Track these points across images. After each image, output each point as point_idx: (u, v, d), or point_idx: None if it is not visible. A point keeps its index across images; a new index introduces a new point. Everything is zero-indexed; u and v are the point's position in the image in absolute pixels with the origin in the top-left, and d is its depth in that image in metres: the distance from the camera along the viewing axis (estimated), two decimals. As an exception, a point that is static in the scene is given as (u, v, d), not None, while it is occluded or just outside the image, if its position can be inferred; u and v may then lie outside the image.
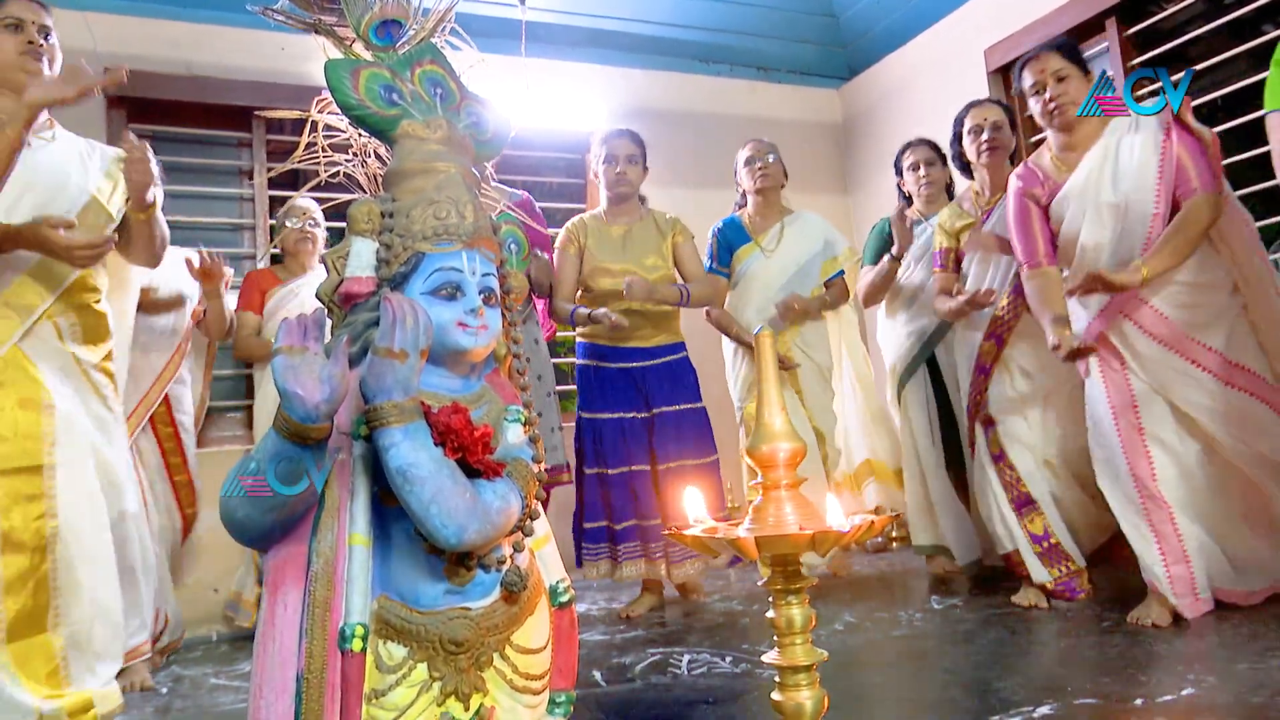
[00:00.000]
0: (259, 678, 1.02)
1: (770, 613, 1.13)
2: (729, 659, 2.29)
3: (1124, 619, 2.35)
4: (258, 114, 3.71)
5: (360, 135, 1.39)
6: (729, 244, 3.37)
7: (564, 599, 1.25)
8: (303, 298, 3.19)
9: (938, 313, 2.98)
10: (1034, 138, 3.74)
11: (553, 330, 3.36)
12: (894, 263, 3.19)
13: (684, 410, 3.06)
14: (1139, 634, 2.24)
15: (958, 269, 2.94)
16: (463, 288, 1.15)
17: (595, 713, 1.93)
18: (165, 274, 2.72)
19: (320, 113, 1.38)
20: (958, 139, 3.01)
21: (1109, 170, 2.39)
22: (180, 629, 2.87)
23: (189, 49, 3.62)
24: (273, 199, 3.78)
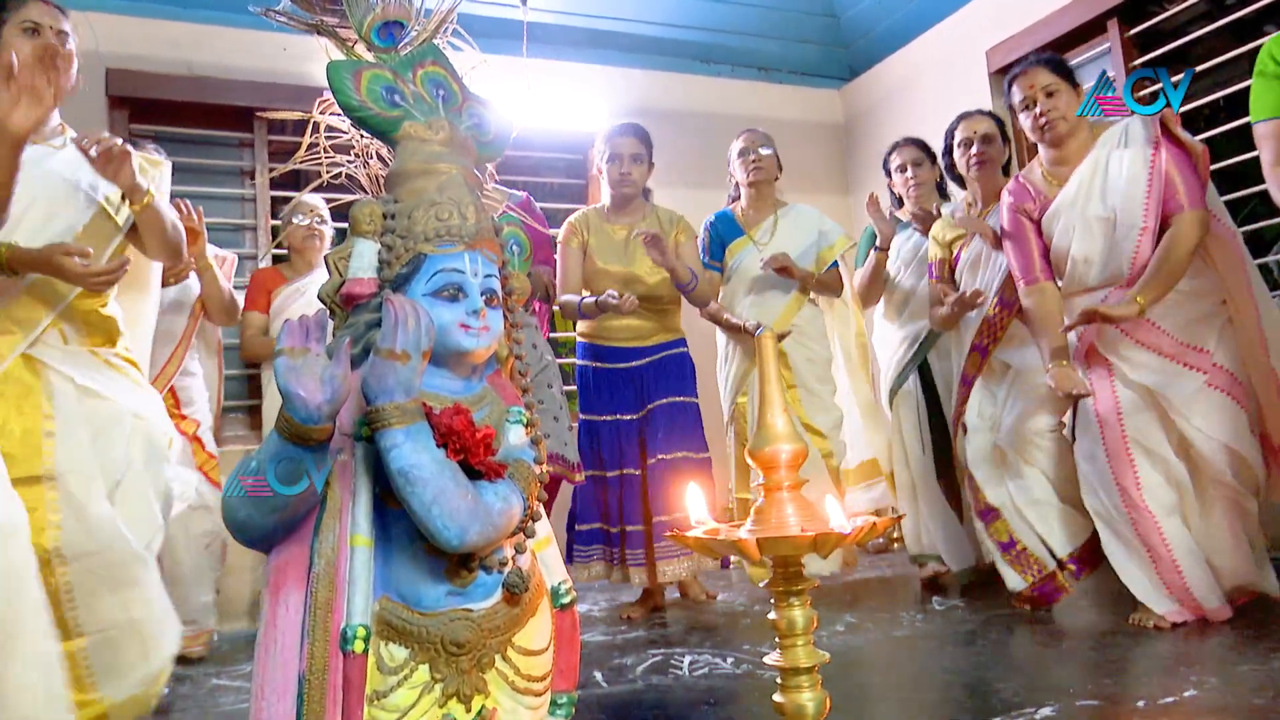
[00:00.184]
0: (260, 679, 1.02)
1: (772, 614, 1.13)
2: (730, 660, 2.29)
3: (1125, 621, 2.35)
4: (259, 114, 3.72)
5: (362, 136, 1.39)
6: (721, 238, 3.32)
7: (566, 600, 1.25)
8: (309, 296, 3.16)
9: (931, 323, 3.01)
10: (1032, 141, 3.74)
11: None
12: (880, 254, 3.19)
13: (676, 403, 3.02)
14: (1140, 635, 2.25)
15: (951, 279, 2.96)
16: (465, 289, 1.15)
17: (596, 714, 1.93)
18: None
19: (322, 113, 1.38)
20: (949, 151, 3.02)
21: (1099, 184, 2.40)
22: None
23: (190, 49, 3.62)
24: (274, 199, 3.78)
